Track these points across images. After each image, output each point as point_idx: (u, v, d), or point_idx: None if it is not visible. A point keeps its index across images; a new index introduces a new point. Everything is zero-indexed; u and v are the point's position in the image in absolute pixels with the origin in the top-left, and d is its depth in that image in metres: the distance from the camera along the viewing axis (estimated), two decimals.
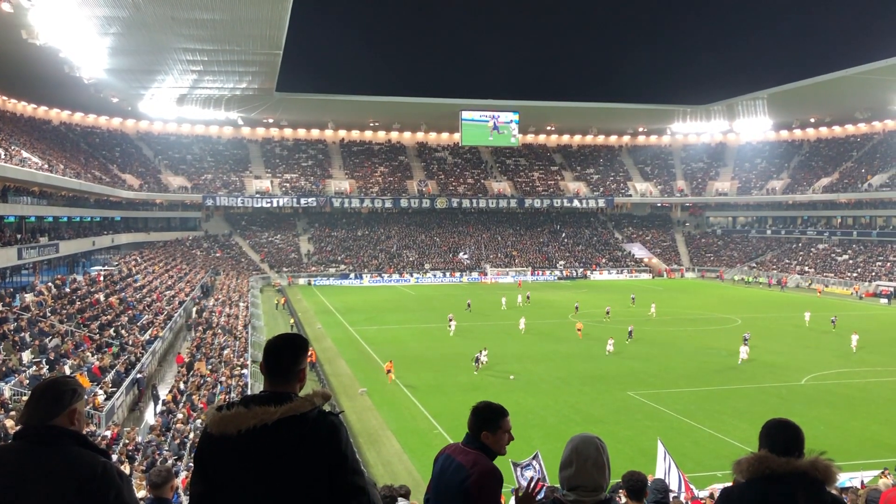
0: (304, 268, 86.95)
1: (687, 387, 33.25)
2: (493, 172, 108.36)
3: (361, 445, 25.10)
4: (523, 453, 17.84)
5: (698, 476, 20.27)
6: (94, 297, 40.09)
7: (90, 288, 42.87)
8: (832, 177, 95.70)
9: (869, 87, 79.09)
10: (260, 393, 3.13)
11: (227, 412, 2.98)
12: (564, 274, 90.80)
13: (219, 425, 2.97)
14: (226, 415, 2.97)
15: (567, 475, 3.34)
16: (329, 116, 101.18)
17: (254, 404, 2.98)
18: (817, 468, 3.16)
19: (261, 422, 2.91)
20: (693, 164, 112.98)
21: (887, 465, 19.52)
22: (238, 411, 2.96)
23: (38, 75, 60.45)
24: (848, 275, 79.12)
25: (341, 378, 35.64)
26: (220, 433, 2.96)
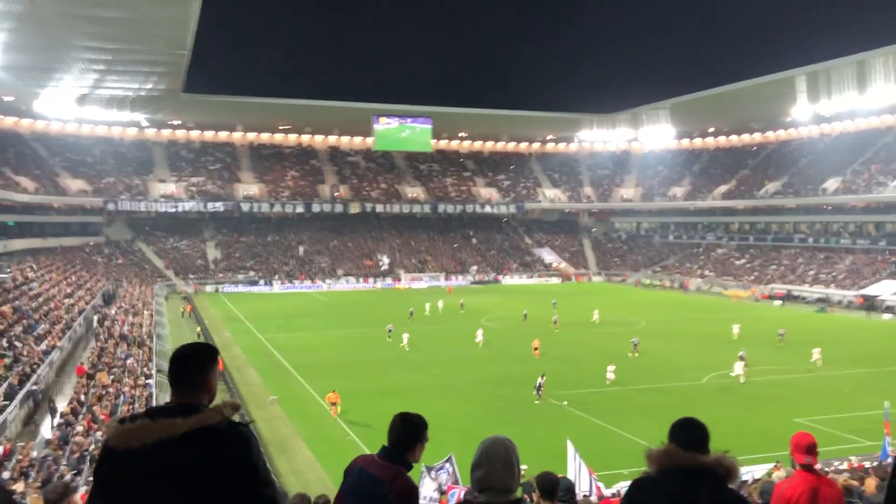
0: (212, 274, 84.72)
1: (594, 388, 34.10)
2: (406, 178, 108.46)
3: (272, 455, 24.63)
4: (436, 457, 17.91)
5: (607, 475, 20.80)
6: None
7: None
8: (730, 184, 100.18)
9: (764, 99, 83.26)
10: (166, 404, 3.01)
11: (131, 425, 2.84)
12: (477, 279, 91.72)
13: (121, 439, 2.83)
14: (129, 427, 2.83)
15: (478, 477, 3.38)
16: (238, 119, 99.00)
17: (159, 416, 2.86)
18: (722, 465, 3.32)
19: (167, 434, 2.79)
20: (599, 171, 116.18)
21: (780, 458, 20.58)
22: (142, 424, 2.83)
23: None
24: (745, 278, 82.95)
25: (251, 387, 34.90)
26: (122, 447, 2.81)
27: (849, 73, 70.39)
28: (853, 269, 75.14)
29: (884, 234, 77.70)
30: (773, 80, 77.16)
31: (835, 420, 28.16)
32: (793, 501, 5.38)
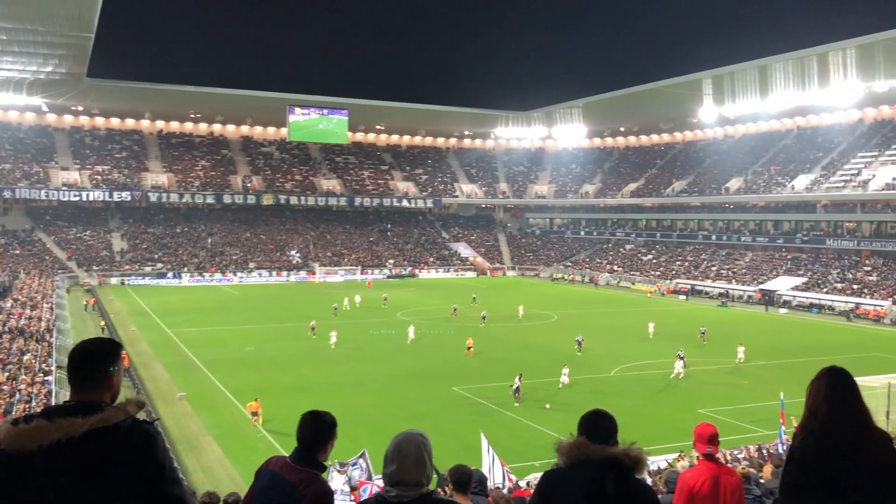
0: (117, 266, 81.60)
1: (507, 381, 34.58)
2: (322, 170, 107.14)
3: (180, 452, 23.97)
4: (350, 452, 17.83)
5: (519, 466, 21.17)
6: None
7: None
8: (639, 182, 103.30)
9: (672, 101, 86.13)
10: (64, 403, 2.88)
11: (26, 426, 2.70)
12: (394, 272, 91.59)
13: (15, 440, 2.68)
14: (24, 429, 2.69)
15: (389, 472, 3.39)
16: (146, 106, 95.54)
17: (57, 416, 2.73)
18: (629, 456, 3.44)
19: (66, 435, 2.67)
20: (515, 167, 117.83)
21: (684, 448, 21.40)
22: (39, 424, 2.69)
23: None
24: (651, 273, 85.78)
25: (158, 383, 33.84)
26: (16, 449, 2.67)
27: (752, 77, 73.61)
28: (753, 265, 78.77)
29: (781, 233, 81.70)
30: (681, 83, 79.94)
31: (735, 411, 29.46)
32: (696, 490, 5.60)
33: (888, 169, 72.88)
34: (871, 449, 3.46)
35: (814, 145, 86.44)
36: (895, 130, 79.29)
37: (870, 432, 3.52)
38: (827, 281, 69.13)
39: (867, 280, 66.70)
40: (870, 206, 73.47)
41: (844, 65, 65.29)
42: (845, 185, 74.97)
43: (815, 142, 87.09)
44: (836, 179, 76.88)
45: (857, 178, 74.57)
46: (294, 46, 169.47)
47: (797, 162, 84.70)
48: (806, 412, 3.61)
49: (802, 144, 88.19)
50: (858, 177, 74.67)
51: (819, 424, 3.53)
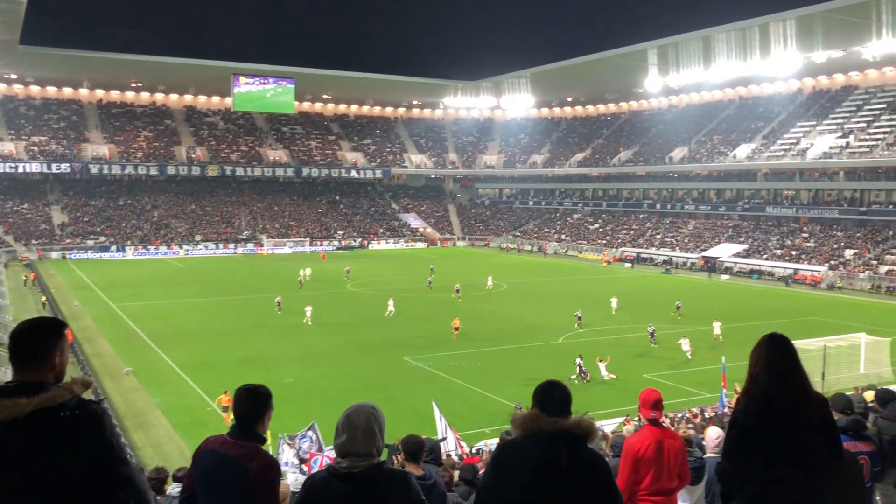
0: (58, 240, 79.34)
1: (458, 349, 34.90)
2: (268, 140, 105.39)
3: (128, 428, 23.65)
4: (302, 424, 17.83)
5: (470, 433, 21.46)
6: None
7: None
8: (585, 152, 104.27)
9: (618, 71, 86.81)
10: (7, 383, 2.84)
11: None
12: (343, 244, 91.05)
13: None
14: None
15: (340, 443, 3.44)
16: (84, 74, 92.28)
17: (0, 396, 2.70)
18: (581, 427, 3.53)
19: (10, 416, 2.64)
20: (464, 137, 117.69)
21: (629, 412, 21.96)
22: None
23: None
24: (598, 242, 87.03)
25: (104, 358, 33.20)
26: None
27: (695, 47, 74.56)
28: (696, 233, 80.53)
29: (723, 201, 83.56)
30: (627, 53, 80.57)
31: (678, 375, 30.29)
32: (640, 454, 5.78)
33: (825, 138, 74.96)
34: (810, 412, 3.62)
35: (755, 115, 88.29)
36: (832, 101, 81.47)
37: (808, 396, 3.67)
38: (767, 248, 71.12)
39: (805, 246, 68.83)
40: (808, 175, 75.58)
41: (784, 36, 66.59)
42: (784, 154, 76.93)
43: (756, 111, 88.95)
44: (776, 148, 78.80)
45: (795, 147, 76.57)
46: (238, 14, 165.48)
47: (739, 131, 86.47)
48: (748, 378, 3.75)
49: (744, 114, 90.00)
50: (797, 146, 76.67)
51: (760, 389, 3.67)
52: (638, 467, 5.76)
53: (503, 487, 3.49)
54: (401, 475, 3.51)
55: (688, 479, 6.13)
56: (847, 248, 65.50)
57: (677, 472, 5.89)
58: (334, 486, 3.36)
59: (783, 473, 3.57)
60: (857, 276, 60.32)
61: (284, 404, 24.23)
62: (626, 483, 5.75)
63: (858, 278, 60.07)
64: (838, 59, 71.28)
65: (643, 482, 5.75)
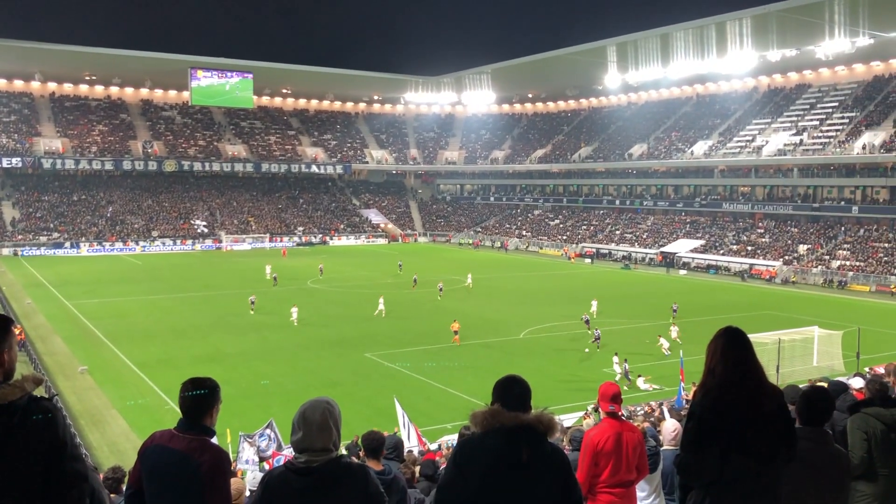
0: (9, 237, 77.35)
1: (419, 345, 34.90)
2: (226, 135, 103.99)
3: (83, 428, 23.20)
4: (261, 421, 17.67)
5: (431, 429, 21.48)
6: None
7: None
8: (546, 149, 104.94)
9: (578, 68, 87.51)
10: None
11: None
12: (304, 240, 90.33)
13: None
14: None
15: (296, 440, 3.43)
16: (36, 67, 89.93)
17: None
18: (541, 422, 3.54)
19: None
20: (425, 133, 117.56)
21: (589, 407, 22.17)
22: None
23: None
24: (559, 238, 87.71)
25: (57, 357, 32.49)
26: None
27: (654, 45, 75.56)
28: (654, 228, 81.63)
29: (681, 197, 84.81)
30: (587, 50, 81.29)
31: (637, 370, 30.65)
32: (600, 447, 5.84)
33: (780, 136, 76.51)
34: (765, 404, 3.69)
35: (712, 112, 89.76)
36: (787, 99, 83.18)
37: (763, 388, 3.75)
38: (723, 243, 72.41)
39: (760, 242, 70.22)
40: (763, 171, 77.07)
41: (741, 35, 67.84)
42: (741, 150, 78.35)
43: (713, 109, 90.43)
44: (732, 145, 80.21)
45: (751, 145, 78.02)
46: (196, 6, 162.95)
47: (696, 128, 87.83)
48: (705, 371, 3.82)
49: (701, 111, 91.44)
50: (753, 143, 78.13)
51: (717, 382, 3.73)
52: (597, 460, 5.81)
53: (464, 483, 3.49)
54: (359, 469, 3.50)
55: (646, 471, 6.21)
56: (800, 244, 67.01)
57: (636, 464, 5.96)
58: (292, 482, 3.35)
59: (739, 464, 3.64)
60: (811, 271, 61.76)
61: (244, 402, 24.01)
62: (586, 476, 5.79)
63: (812, 273, 61.50)
64: (792, 58, 72.84)
65: (602, 475, 5.81)
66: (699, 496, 3.79)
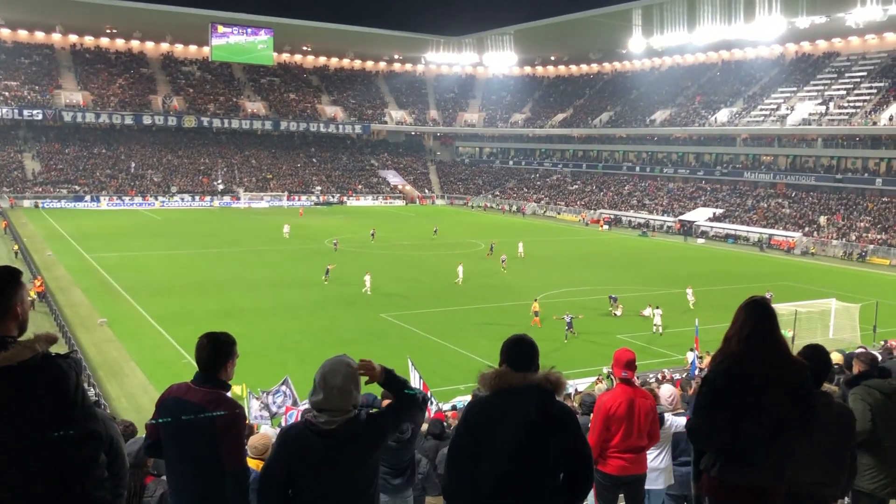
0: (30, 188, 78.03)
1: (435, 307, 35.06)
2: (246, 91, 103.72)
3: (102, 379, 23.61)
4: (277, 378, 17.88)
5: (444, 390, 21.67)
6: None
7: None
8: (567, 112, 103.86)
9: (602, 30, 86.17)
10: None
11: None
12: (321, 199, 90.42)
13: None
14: None
15: (316, 400, 3.48)
16: (57, 18, 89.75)
17: None
18: (549, 381, 3.58)
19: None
20: (445, 94, 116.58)
21: (601, 372, 22.28)
22: None
23: None
24: (577, 203, 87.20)
25: (77, 308, 32.96)
26: None
27: (680, 9, 74.12)
28: (673, 196, 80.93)
29: (702, 165, 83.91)
30: (611, 12, 79.92)
31: (651, 336, 30.67)
32: (612, 411, 5.88)
33: (805, 104, 75.20)
34: (785, 376, 3.70)
35: (737, 79, 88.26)
36: (814, 67, 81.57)
37: (787, 361, 3.75)
38: (743, 212, 71.72)
39: (781, 212, 69.48)
40: (786, 140, 75.96)
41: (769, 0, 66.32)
42: (765, 119, 77.16)
43: (738, 76, 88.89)
44: (757, 113, 79.00)
45: (776, 113, 76.79)
46: None
47: (720, 95, 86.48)
48: (724, 338, 3.84)
49: (726, 78, 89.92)
50: (777, 111, 76.88)
51: (735, 350, 3.75)
52: (609, 424, 5.86)
53: (475, 443, 3.55)
54: (375, 425, 3.58)
55: (657, 438, 6.24)
56: (821, 215, 66.25)
57: (647, 430, 6.00)
58: (312, 442, 3.43)
59: (750, 432, 3.66)
60: (831, 243, 61.13)
61: (259, 357, 24.30)
62: (598, 440, 5.84)
63: (831, 245, 60.88)
64: (821, 25, 71.11)
65: (614, 439, 5.86)
66: (710, 461, 3.83)
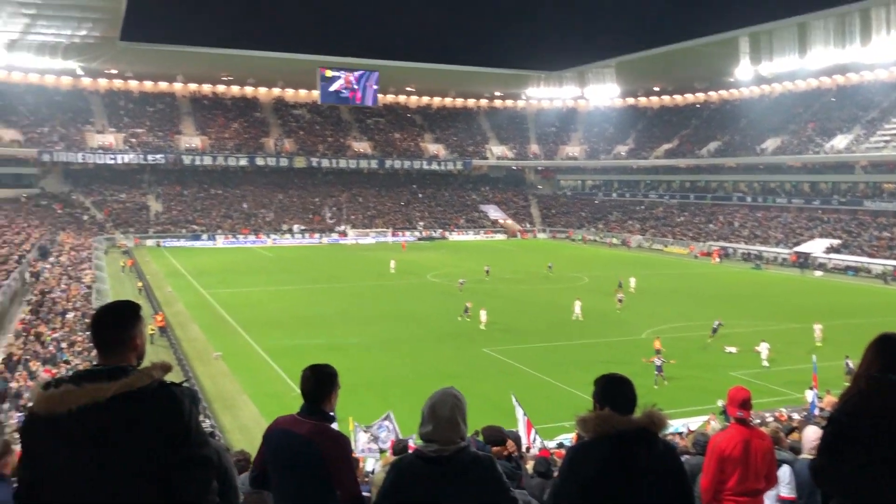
0: (153, 228, 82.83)
1: (538, 342, 34.70)
2: (352, 132, 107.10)
3: (217, 411, 24.51)
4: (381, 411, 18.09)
5: (548, 427, 21.32)
6: None
7: None
8: (673, 143, 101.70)
9: (707, 59, 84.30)
10: (93, 367, 2.91)
11: (55, 390, 2.72)
12: (424, 234, 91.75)
13: (46, 404, 2.72)
14: (53, 393, 2.72)
15: (425, 431, 3.53)
16: (179, 69, 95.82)
17: (85, 381, 2.74)
18: (653, 420, 3.49)
19: (92, 399, 2.69)
20: (546, 128, 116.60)
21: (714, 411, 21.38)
22: (67, 389, 2.72)
23: None
24: (685, 236, 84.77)
25: (194, 343, 34.52)
26: (47, 413, 2.71)
27: (790, 34, 71.70)
28: (787, 227, 77.48)
29: (817, 193, 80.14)
30: (717, 41, 78.12)
31: (767, 373, 29.27)
32: (727, 453, 5.62)
33: None
34: None
35: (854, 104, 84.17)
36: None
37: None
38: (863, 243, 67.82)
39: None
40: None
41: (887, 21, 63.22)
42: (885, 144, 73.10)
43: (855, 100, 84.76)
44: (877, 139, 74.97)
45: None
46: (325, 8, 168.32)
47: (836, 121, 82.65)
48: (854, 376, 3.65)
49: (842, 103, 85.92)
50: None
51: (862, 388, 3.54)
52: (724, 466, 5.60)
53: (579, 489, 3.49)
54: (486, 459, 3.59)
55: (775, 480, 5.93)
56: None
57: (764, 472, 5.71)
58: (422, 469, 3.47)
59: (881, 478, 3.42)
60: None
61: (364, 391, 24.66)
62: (711, 482, 5.60)
63: None
64: None
65: (729, 482, 5.60)
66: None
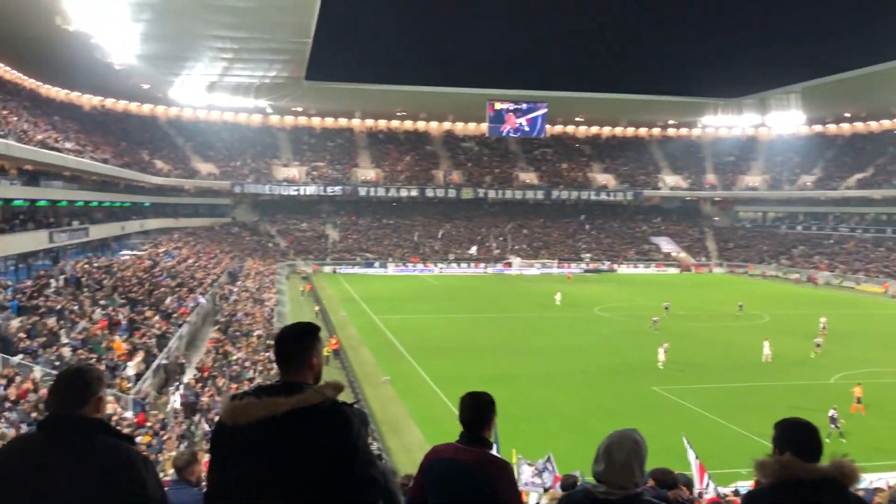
0: (330, 255, 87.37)
1: (712, 383, 32.93)
2: (519, 163, 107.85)
3: (384, 434, 25.16)
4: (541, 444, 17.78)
5: (722, 473, 20.03)
6: (127, 281, 40.53)
7: (123, 271, 43.33)
8: (866, 172, 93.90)
9: None
10: (274, 383, 3.13)
11: (239, 402, 2.97)
12: (591, 267, 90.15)
13: (231, 415, 2.97)
14: (237, 405, 2.96)
15: (597, 470, 3.42)
16: (356, 106, 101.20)
17: (265, 395, 2.97)
18: (843, 472, 3.17)
19: (270, 413, 2.89)
20: (723, 157, 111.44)
21: None
22: (249, 402, 2.95)
23: (71, 61, 61.01)
24: (881, 273, 77.54)
25: (364, 366, 35.78)
26: (232, 423, 2.96)
27: None
28: None
29: None
30: None
31: None
32: None
33: None
34: None
35: None
36: None
37: None
38: None
39: None
40: None
41: None
42: None
43: None
44: None
45: None
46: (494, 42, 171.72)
47: None
48: None
49: None
50: None
51: None
52: None
53: None
54: None
55: None
56: None
57: None
58: None
59: None
60: None
61: (525, 424, 24.39)
62: None
63: None
64: None
65: None
66: None
